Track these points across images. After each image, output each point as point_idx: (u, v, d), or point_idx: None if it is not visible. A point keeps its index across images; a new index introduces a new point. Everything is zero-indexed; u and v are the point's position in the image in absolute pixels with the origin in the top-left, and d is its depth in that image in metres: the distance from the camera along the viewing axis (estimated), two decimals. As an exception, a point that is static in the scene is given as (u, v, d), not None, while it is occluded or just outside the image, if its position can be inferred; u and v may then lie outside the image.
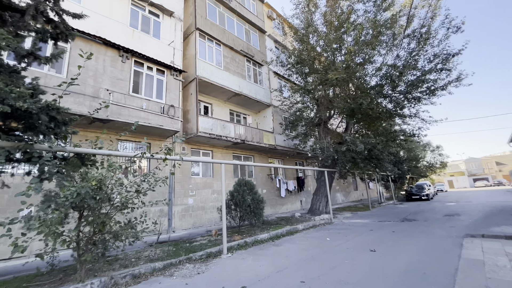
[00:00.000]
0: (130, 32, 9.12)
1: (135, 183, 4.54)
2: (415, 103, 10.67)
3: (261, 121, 15.52)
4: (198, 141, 11.45)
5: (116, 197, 4.27)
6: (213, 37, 12.38)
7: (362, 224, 9.30)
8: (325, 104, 12.61)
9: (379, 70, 10.13)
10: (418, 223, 8.70)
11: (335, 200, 21.69)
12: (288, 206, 16.21)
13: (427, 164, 27.65)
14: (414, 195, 19.96)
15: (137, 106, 8.62)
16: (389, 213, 12.35)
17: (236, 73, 13.32)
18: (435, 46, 10.27)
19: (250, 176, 14.30)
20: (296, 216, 11.92)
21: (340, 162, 11.03)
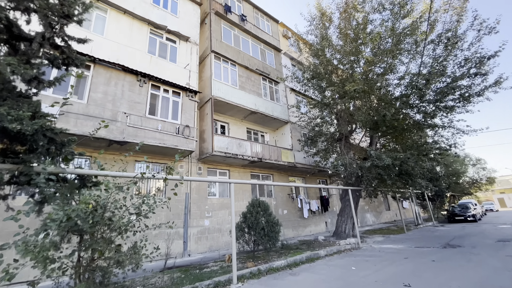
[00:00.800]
0: (148, 58, 9.59)
1: (133, 205, 4.33)
2: (448, 112, 9.61)
3: (280, 139, 15.14)
4: (214, 161, 11.32)
5: (114, 220, 4.08)
6: (228, 58, 12.66)
7: (395, 250, 8.16)
8: (345, 118, 11.96)
9: (402, 79, 9.38)
10: (465, 250, 7.39)
11: (364, 222, 19.96)
12: (312, 228, 15.13)
13: (470, 180, 24.65)
14: (457, 216, 17.62)
15: (153, 127, 8.80)
16: (428, 237, 10.84)
17: (252, 91, 13.33)
18: (465, 49, 9.38)
19: (269, 196, 13.72)
20: (320, 240, 10.94)
21: (365, 179, 10.09)
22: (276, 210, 13.41)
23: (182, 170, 10.47)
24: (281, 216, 13.52)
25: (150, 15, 10.13)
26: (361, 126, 11.11)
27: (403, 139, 10.63)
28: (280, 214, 13.55)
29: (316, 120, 12.24)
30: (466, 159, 23.68)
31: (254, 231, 6.47)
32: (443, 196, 20.81)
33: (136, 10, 9.77)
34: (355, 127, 11.90)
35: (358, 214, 20.16)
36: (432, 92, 9.24)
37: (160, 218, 9.29)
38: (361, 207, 20.79)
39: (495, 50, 8.42)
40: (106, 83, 8.19)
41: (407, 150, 9.77)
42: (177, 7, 11.40)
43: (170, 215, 9.52)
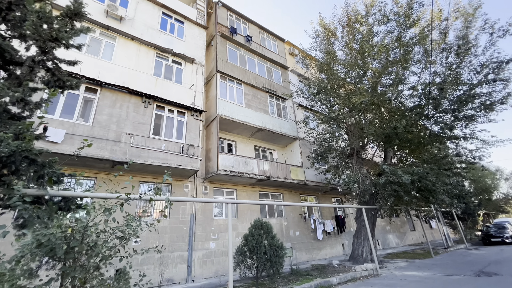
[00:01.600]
0: (153, 80, 9.87)
1: (118, 228, 4.08)
2: (468, 121, 8.86)
3: (289, 156, 14.71)
4: (220, 180, 11.06)
5: (99, 244, 3.84)
6: (234, 77, 12.81)
7: (419, 278, 7.21)
8: (356, 133, 11.42)
9: (414, 89, 8.86)
10: (503, 279, 6.35)
11: (386, 243, 18.40)
12: (327, 251, 14.07)
13: (505, 196, 22.31)
14: (493, 237, 15.73)
15: (156, 147, 8.80)
16: (459, 263, 9.60)
17: (259, 109, 13.25)
18: (479, 55, 8.81)
19: (280, 216, 13.07)
20: (334, 265, 10.03)
21: (380, 197, 9.31)
22: (287, 232, 12.68)
23: (187, 190, 10.27)
24: (293, 238, 12.75)
25: (157, 40, 10.59)
26: (373, 140, 10.50)
27: (420, 153, 9.85)
28: (292, 236, 12.78)
29: (325, 135, 11.78)
30: (497, 173, 21.69)
31: (256, 256, 5.97)
32: (474, 214, 18.88)
33: (144, 36, 10.25)
34: (366, 141, 11.29)
35: (379, 235, 18.71)
36: (448, 102, 8.60)
37: (164, 241, 8.99)
38: (382, 228, 19.29)
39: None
40: (112, 105, 8.41)
41: (425, 164, 8.97)
42: (184, 32, 11.88)
43: (174, 238, 9.21)
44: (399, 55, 9.75)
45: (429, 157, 9.45)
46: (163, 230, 9.04)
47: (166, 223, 9.23)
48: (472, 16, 9.50)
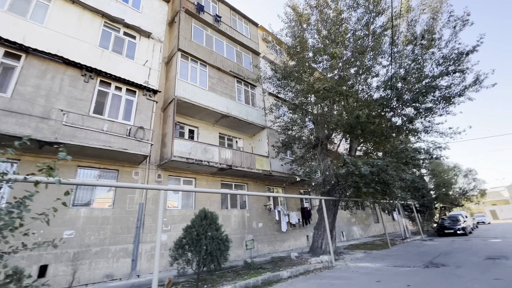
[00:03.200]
0: (98, 52, 8.65)
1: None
2: (428, 114, 8.84)
3: (256, 145, 14.16)
4: (176, 167, 10.22)
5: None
6: (197, 58, 11.84)
7: (370, 270, 7.06)
8: (322, 123, 11.11)
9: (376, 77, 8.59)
10: (448, 270, 6.35)
11: (351, 235, 18.78)
12: (291, 243, 13.90)
13: (460, 191, 23.85)
14: (447, 229, 16.61)
15: (97, 128, 7.72)
16: (412, 254, 9.76)
17: (224, 94, 12.45)
18: (442, 48, 8.75)
19: (243, 207, 12.55)
20: (292, 257, 9.75)
21: (340, 188, 9.09)
22: (249, 223, 12.23)
23: (137, 178, 9.32)
24: (255, 229, 12.34)
25: (106, 7, 9.29)
26: (336, 129, 10.24)
27: (384, 146, 9.76)
28: (254, 228, 12.36)
29: (294, 126, 11.33)
30: (455, 169, 23.04)
31: (195, 249, 5.33)
32: (432, 207, 19.88)
33: (89, 1, 8.92)
34: (332, 132, 11.03)
35: (344, 227, 19.04)
36: (410, 93, 8.46)
37: (105, 233, 8.05)
38: (348, 220, 19.65)
39: (473, 45, 7.75)
40: (40, 76, 7.16)
41: (387, 156, 8.86)
42: (140, 2, 10.62)
43: (117, 229, 8.29)
44: (367, 43, 9.44)
45: (390, 150, 9.37)
46: (104, 221, 8.09)
47: (109, 213, 8.28)
48: (438, 10, 9.41)
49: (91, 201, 8.23)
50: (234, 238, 11.35)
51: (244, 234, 11.79)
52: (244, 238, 11.74)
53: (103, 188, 8.51)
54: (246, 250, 11.57)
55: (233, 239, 11.36)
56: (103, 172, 8.72)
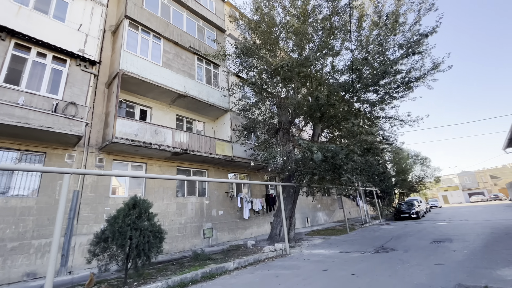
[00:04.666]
0: (14, 9, 7.07)
1: None
2: (388, 99, 8.68)
3: (219, 129, 13.34)
4: (122, 151, 9.11)
5: None
6: (150, 29, 10.49)
7: (322, 257, 6.84)
8: (285, 106, 10.56)
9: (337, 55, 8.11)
10: (396, 255, 6.30)
11: (315, 221, 19.11)
12: (254, 230, 13.61)
13: (417, 178, 25.48)
14: (403, 213, 17.54)
15: (9, 100, 6.35)
16: (367, 238, 9.89)
17: (182, 71, 11.32)
18: (406, 32, 8.50)
19: (202, 195, 11.85)
20: (248, 245, 9.37)
21: (298, 174, 8.74)
22: (208, 211, 11.60)
23: (72, 162, 8.09)
24: (215, 217, 11.76)
25: (25, -46, 7.58)
26: (297, 112, 9.76)
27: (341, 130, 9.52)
28: (214, 216, 11.77)
29: (252, 106, 10.64)
30: (413, 157, 24.42)
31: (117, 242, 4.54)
32: (391, 193, 20.89)
33: None
34: (295, 116, 10.55)
35: (309, 212, 19.29)
36: (370, 75, 8.15)
37: (27, 225, 6.88)
38: (313, 206, 19.94)
39: (432, 26, 7.55)
40: None
41: (344, 139, 8.63)
42: (76, -46, 8.92)
43: (44, 221, 7.15)
44: (332, 22, 8.88)
45: (346, 134, 9.15)
46: (25, 212, 6.90)
47: (32, 202, 7.08)
48: None
49: (8, 189, 6.93)
50: (191, 227, 10.70)
51: (202, 223, 11.16)
52: (202, 226, 11.12)
53: (24, 173, 7.22)
54: (204, 239, 10.99)
55: (189, 228, 10.71)
56: (25, 155, 7.38)
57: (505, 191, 45.06)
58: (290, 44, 9.74)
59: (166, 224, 9.86)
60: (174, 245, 9.86)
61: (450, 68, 8.09)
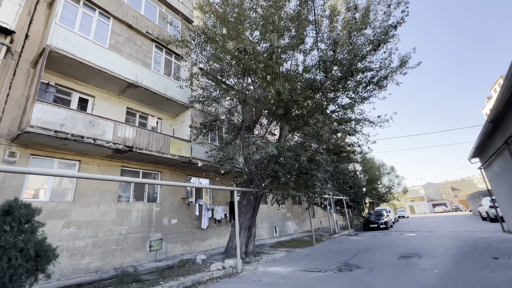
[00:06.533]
0: None
1: None
2: (358, 98, 8.03)
3: (179, 127, 11.95)
4: (45, 144, 7.42)
5: None
6: (95, 5, 9.02)
7: (276, 277, 5.72)
8: (250, 103, 9.53)
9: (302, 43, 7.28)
10: (359, 276, 5.36)
11: (284, 230, 18.08)
12: (214, 242, 12.20)
13: (386, 188, 25.75)
14: (372, 223, 17.17)
15: None
16: (333, 252, 9.00)
17: (135, 58, 9.91)
18: (376, 28, 7.96)
19: (152, 200, 10.31)
20: (198, 261, 8.01)
21: (257, 178, 7.67)
22: (158, 219, 10.07)
23: (-33, 154, 6.29)
24: (166, 227, 10.24)
25: None
26: (261, 110, 8.79)
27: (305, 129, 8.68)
28: (165, 225, 10.25)
29: (213, 101, 9.46)
30: (382, 167, 24.71)
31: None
32: (361, 203, 20.63)
33: None
34: (259, 114, 9.56)
35: (278, 222, 18.23)
36: (338, 68, 7.42)
37: None
38: (283, 215, 18.93)
39: (400, 16, 7.05)
40: None
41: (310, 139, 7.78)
42: None
43: None
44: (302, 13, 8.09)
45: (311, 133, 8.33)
46: None
47: None
48: None
49: None
50: (134, 238, 9.09)
51: (149, 233, 9.59)
52: (149, 237, 9.55)
53: None
54: (150, 253, 9.41)
55: (132, 239, 9.09)
56: None
57: (465, 203, 47.79)
58: (257, 34, 8.82)
59: (100, 235, 8.22)
60: (108, 261, 8.20)
61: (419, 64, 7.70)
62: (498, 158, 8.65)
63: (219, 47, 7.07)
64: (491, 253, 6.52)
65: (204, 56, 8.85)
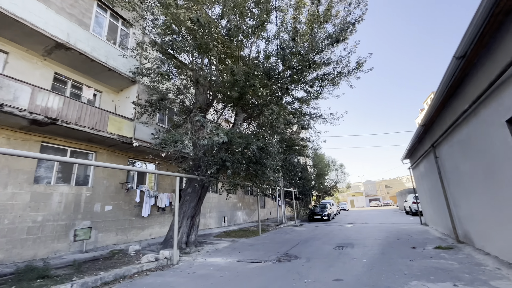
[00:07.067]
0: None
1: None
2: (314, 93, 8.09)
3: (123, 104, 10.62)
4: None
5: None
6: None
7: (213, 269, 5.43)
8: (205, 85, 8.86)
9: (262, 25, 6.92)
10: (296, 266, 5.41)
11: (234, 220, 18.01)
12: (155, 230, 11.37)
13: (333, 183, 27.82)
14: (316, 215, 18.26)
15: None
16: (276, 242, 9.13)
17: (68, 14, 8.30)
18: (337, 24, 8.05)
19: (82, 184, 9.00)
20: (130, 252, 7.27)
21: (203, 164, 7.19)
22: (89, 205, 8.86)
23: None
24: (98, 214, 9.09)
25: None
26: (215, 91, 8.25)
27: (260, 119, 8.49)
28: (97, 212, 9.09)
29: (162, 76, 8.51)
30: (332, 163, 26.55)
31: None
32: (308, 195, 21.77)
33: None
34: (214, 97, 8.97)
35: (228, 211, 18.02)
36: (296, 58, 7.28)
37: None
38: (233, 204, 18.79)
39: (359, 15, 7.27)
40: None
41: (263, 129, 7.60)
42: None
43: None
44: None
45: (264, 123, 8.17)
46: None
47: None
48: None
49: None
50: (53, 226, 7.80)
51: (74, 221, 8.37)
52: (74, 225, 8.33)
53: None
54: (74, 243, 8.23)
55: (50, 227, 7.76)
56: None
57: (394, 199, 54.84)
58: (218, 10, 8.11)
59: (5, 222, 6.80)
60: (15, 253, 6.86)
61: (371, 69, 8.16)
62: (424, 160, 9.77)
63: (170, 14, 6.21)
64: (410, 243, 7.31)
65: (156, 26, 7.80)
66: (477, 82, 4.40)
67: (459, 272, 4.25)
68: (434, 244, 6.88)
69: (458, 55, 4.04)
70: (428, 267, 4.66)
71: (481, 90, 4.11)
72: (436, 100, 5.97)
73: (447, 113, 6.29)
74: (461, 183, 6.27)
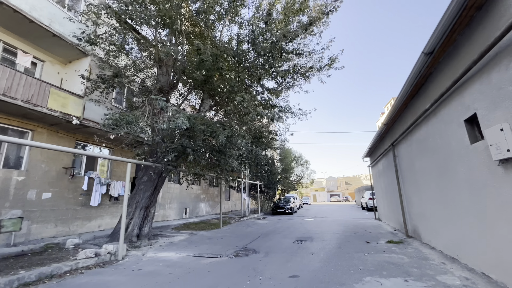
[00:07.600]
0: None
1: None
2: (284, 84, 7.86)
3: (71, 78, 9.26)
4: None
5: None
6: None
7: (163, 265, 4.94)
8: (169, 64, 8.05)
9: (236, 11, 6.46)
10: (253, 261, 5.17)
11: (196, 212, 17.36)
12: (105, 221, 10.32)
13: (297, 178, 28.56)
14: (279, 208, 18.49)
15: None
16: (236, 235, 8.86)
17: (-2, -41, 6.78)
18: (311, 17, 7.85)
19: (13, 167, 7.68)
20: (67, 246, 6.37)
21: (160, 150, 6.54)
22: (21, 192, 7.60)
23: None
24: (33, 202, 7.88)
25: None
26: (179, 72, 7.55)
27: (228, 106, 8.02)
28: (32, 200, 7.87)
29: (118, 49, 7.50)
30: (298, 159, 27.19)
31: None
32: (274, 189, 21.97)
33: None
34: (178, 78, 8.21)
35: (191, 203, 17.31)
36: (268, 43, 6.93)
37: None
38: (196, 196, 18.11)
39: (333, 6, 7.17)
40: None
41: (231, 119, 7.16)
42: None
43: None
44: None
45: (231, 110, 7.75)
46: None
47: None
48: None
49: None
50: (-31, 215, 6.50)
51: (0, 209, 7.09)
52: (0, 214, 7.07)
53: None
54: (5, 235, 6.99)
55: (-35, 217, 6.48)
56: None
57: (353, 195, 58.70)
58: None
59: None
60: None
61: (342, 68, 8.21)
62: (383, 158, 10.26)
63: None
64: (365, 238, 7.59)
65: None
66: (441, 80, 4.50)
67: (408, 267, 4.38)
68: (387, 239, 7.21)
69: (426, 51, 4.05)
70: (381, 262, 4.76)
71: (444, 89, 4.20)
72: (400, 99, 6.10)
73: (409, 113, 6.52)
74: (416, 181, 6.59)
